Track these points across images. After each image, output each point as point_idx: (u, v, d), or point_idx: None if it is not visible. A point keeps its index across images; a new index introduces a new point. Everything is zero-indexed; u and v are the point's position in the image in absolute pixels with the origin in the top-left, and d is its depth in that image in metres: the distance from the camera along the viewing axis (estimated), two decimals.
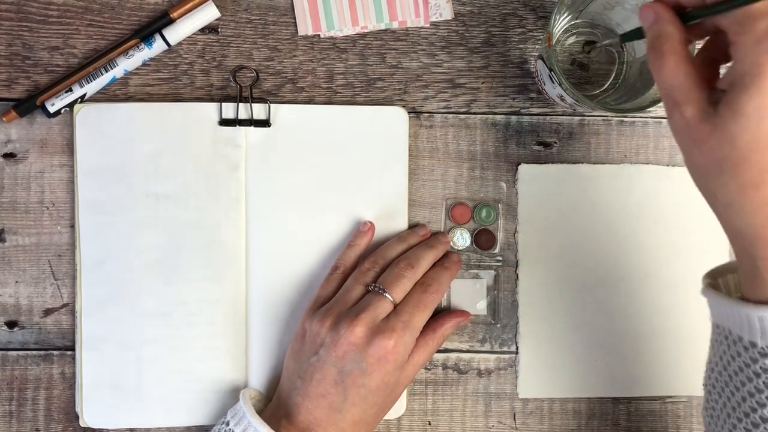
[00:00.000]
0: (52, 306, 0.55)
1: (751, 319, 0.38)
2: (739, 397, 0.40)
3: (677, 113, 0.38)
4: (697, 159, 0.38)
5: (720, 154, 0.36)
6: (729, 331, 0.40)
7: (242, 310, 0.55)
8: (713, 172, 0.37)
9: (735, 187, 0.36)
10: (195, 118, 0.54)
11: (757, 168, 0.35)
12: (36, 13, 0.55)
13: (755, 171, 0.35)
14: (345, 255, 0.54)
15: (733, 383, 0.41)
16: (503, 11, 0.56)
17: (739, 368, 0.40)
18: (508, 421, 0.56)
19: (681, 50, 0.38)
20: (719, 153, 0.36)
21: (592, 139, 0.57)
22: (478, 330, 0.56)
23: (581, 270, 0.56)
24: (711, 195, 0.38)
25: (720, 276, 0.44)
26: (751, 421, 0.39)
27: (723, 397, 0.42)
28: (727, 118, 0.35)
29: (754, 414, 0.39)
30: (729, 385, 0.41)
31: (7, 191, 0.55)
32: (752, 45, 0.34)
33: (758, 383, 0.39)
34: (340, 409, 0.48)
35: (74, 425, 0.55)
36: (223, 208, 0.54)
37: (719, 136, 0.36)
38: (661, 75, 0.38)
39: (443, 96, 0.56)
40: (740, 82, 0.35)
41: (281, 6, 0.55)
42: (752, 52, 0.34)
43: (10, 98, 0.55)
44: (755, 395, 0.39)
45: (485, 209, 0.56)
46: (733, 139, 0.35)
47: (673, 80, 0.38)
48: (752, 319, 0.38)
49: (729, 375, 0.41)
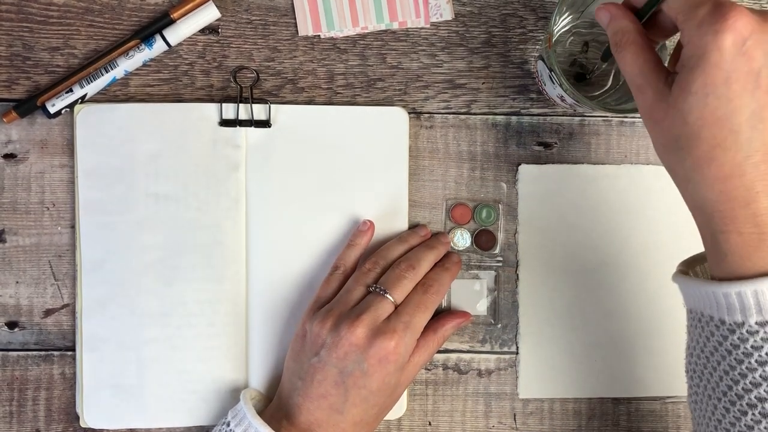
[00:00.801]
0: (53, 306, 0.55)
1: (717, 296, 0.39)
2: (717, 376, 0.41)
3: (640, 97, 0.41)
4: (658, 137, 0.41)
5: (676, 132, 0.39)
6: (701, 313, 0.41)
7: (242, 311, 0.55)
8: (671, 149, 0.39)
9: (690, 162, 0.38)
10: (195, 118, 0.54)
11: (707, 143, 0.37)
12: (36, 14, 0.55)
13: (706, 146, 0.37)
14: (345, 255, 0.54)
15: (711, 364, 0.41)
16: (503, 12, 0.56)
17: (714, 348, 0.40)
18: (508, 422, 0.57)
19: (638, 40, 0.41)
20: (675, 130, 0.39)
21: (593, 139, 0.57)
22: (479, 330, 0.57)
23: (581, 270, 0.56)
24: (672, 171, 0.41)
25: (697, 264, 0.45)
26: (728, 399, 0.40)
27: (703, 380, 0.42)
28: (679, 97, 0.38)
29: (731, 392, 0.40)
30: (707, 367, 0.41)
31: (7, 192, 0.55)
32: (695, 29, 0.37)
33: (731, 360, 0.39)
34: (340, 409, 0.48)
35: (74, 426, 0.55)
36: (223, 208, 0.54)
37: (673, 115, 0.38)
38: (623, 65, 0.41)
39: (443, 96, 0.56)
40: (687, 64, 0.38)
41: (281, 6, 0.56)
42: (695, 35, 0.37)
43: (11, 99, 0.55)
44: (729, 372, 0.39)
45: (486, 210, 0.56)
46: (685, 116, 0.38)
47: (633, 68, 0.41)
48: (718, 296, 0.39)
49: (706, 357, 0.41)
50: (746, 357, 0.38)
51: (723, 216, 0.38)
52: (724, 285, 0.38)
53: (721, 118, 0.37)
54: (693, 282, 0.41)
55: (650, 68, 0.41)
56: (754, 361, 0.38)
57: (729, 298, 0.38)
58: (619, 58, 0.42)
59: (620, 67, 0.42)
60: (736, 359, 0.39)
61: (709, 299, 0.40)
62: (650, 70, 0.40)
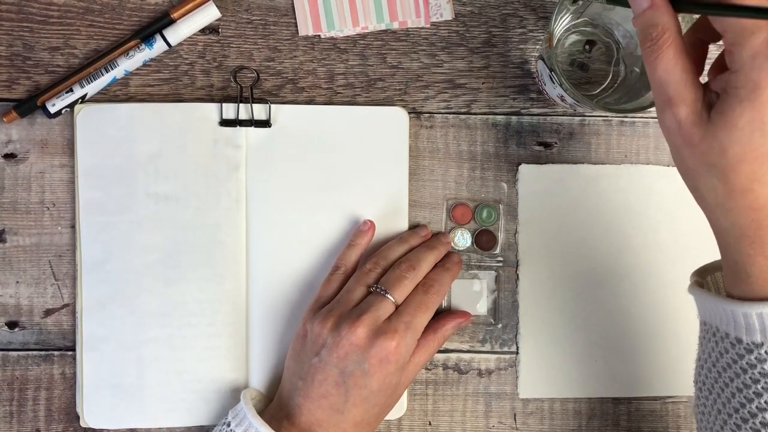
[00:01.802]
0: (53, 306, 0.55)
1: (736, 315, 0.39)
2: (728, 392, 0.40)
3: (669, 112, 0.38)
4: (687, 160, 0.38)
5: (710, 160, 0.37)
6: (716, 328, 0.41)
7: (243, 310, 0.55)
8: (703, 175, 0.38)
9: (724, 191, 0.37)
10: (195, 118, 0.54)
11: (746, 176, 0.36)
12: (37, 14, 0.55)
13: (744, 179, 0.36)
14: (346, 255, 0.54)
15: (722, 379, 0.41)
16: (504, 11, 0.56)
17: (727, 364, 0.40)
18: (508, 422, 0.57)
19: (679, 43, 0.37)
20: (710, 159, 0.37)
21: (593, 139, 0.57)
22: (479, 330, 0.57)
23: (581, 270, 0.56)
24: (699, 195, 0.39)
25: (708, 274, 0.45)
26: (740, 416, 0.40)
27: (713, 394, 0.42)
28: (720, 127, 0.36)
29: (743, 409, 0.39)
30: (718, 381, 0.41)
31: (7, 192, 0.55)
32: (748, 59, 0.35)
33: (745, 379, 0.39)
34: (341, 409, 0.48)
35: (75, 425, 0.55)
36: (223, 208, 0.54)
37: (710, 143, 0.36)
38: (656, 69, 0.37)
39: (444, 96, 0.56)
40: (734, 94, 0.35)
41: (282, 6, 0.56)
42: (748, 66, 0.35)
43: (11, 98, 0.55)
44: (743, 391, 0.39)
45: (486, 210, 0.56)
46: (725, 148, 0.36)
47: (670, 76, 0.37)
48: (737, 315, 0.39)
49: (718, 371, 0.41)
50: (762, 377, 0.38)
51: (752, 241, 0.37)
52: (746, 305, 0.38)
53: (764, 154, 0.35)
54: (711, 298, 0.41)
55: (687, 80, 0.37)
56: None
57: (749, 318, 0.38)
58: (651, 60, 0.37)
59: (650, 70, 0.38)
60: (752, 378, 0.39)
61: (727, 317, 0.39)
62: (687, 83, 0.37)
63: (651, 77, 0.38)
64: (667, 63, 0.37)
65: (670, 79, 0.37)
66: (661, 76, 0.37)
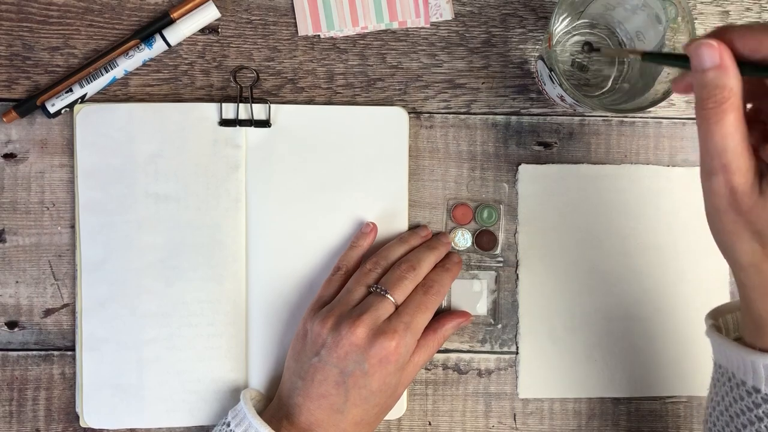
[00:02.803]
0: (53, 306, 0.55)
1: (756, 365, 0.39)
2: None
3: (721, 178, 0.36)
4: (728, 224, 0.37)
5: (756, 228, 0.36)
6: (732, 373, 0.41)
7: (242, 311, 0.55)
8: (744, 239, 0.37)
9: (763, 254, 0.37)
10: (195, 118, 0.54)
11: None
12: (36, 14, 0.55)
13: None
14: (347, 256, 0.54)
15: (734, 424, 0.41)
16: (503, 11, 0.56)
17: (741, 411, 0.41)
18: (508, 422, 0.57)
19: (741, 108, 0.35)
20: (756, 226, 0.36)
21: (593, 139, 0.57)
22: (479, 330, 0.57)
23: (581, 270, 0.56)
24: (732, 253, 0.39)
25: (720, 315, 0.45)
26: None
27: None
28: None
29: None
30: (730, 425, 0.42)
31: (7, 191, 0.55)
32: None
33: (760, 427, 0.40)
34: (341, 409, 0.48)
35: (74, 425, 0.55)
36: (223, 208, 0.54)
37: (759, 213, 0.36)
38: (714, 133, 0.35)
39: (443, 96, 0.56)
40: None
41: (281, 6, 0.55)
42: None
43: (11, 98, 0.55)
44: None
45: (487, 210, 0.56)
46: None
47: (728, 142, 0.35)
48: (757, 365, 0.39)
49: (730, 416, 0.42)
50: None
51: None
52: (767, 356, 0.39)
53: None
54: (732, 346, 0.41)
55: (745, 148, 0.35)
56: None
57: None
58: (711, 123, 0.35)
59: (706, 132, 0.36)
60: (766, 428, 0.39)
61: (746, 365, 0.40)
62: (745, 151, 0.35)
63: (705, 139, 0.36)
64: (728, 128, 0.35)
65: (728, 146, 0.35)
66: (719, 141, 0.35)
